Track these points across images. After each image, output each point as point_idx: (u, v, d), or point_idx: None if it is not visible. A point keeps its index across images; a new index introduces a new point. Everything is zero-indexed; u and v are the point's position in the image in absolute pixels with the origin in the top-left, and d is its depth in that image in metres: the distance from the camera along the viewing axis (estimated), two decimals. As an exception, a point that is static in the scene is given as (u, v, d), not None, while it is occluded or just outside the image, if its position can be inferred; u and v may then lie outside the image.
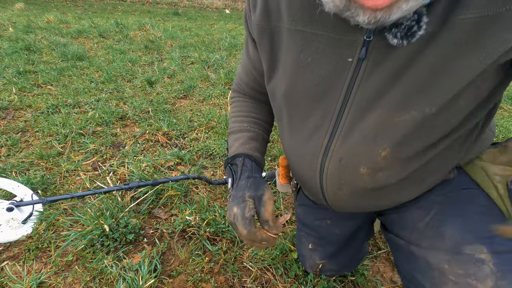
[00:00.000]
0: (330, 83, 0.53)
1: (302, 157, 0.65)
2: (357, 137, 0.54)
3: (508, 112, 3.01)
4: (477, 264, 0.53)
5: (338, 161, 0.57)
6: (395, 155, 0.53)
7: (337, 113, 0.54)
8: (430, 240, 0.62)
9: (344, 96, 0.52)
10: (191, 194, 1.49)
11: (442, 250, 0.58)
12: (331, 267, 0.98)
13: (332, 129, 0.56)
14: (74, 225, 1.26)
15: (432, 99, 0.46)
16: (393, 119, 0.50)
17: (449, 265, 0.56)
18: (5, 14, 5.13)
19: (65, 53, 3.24)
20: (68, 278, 1.06)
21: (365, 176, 0.57)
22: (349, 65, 0.50)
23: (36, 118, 2.02)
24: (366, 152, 0.54)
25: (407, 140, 0.51)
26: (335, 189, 0.62)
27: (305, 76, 0.55)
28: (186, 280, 1.08)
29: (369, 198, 0.63)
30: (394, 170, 0.55)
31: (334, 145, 0.57)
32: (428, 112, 0.47)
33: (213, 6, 10.42)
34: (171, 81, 2.89)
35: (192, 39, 4.64)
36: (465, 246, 0.56)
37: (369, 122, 0.52)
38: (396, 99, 0.48)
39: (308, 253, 0.97)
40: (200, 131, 2.07)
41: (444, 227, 0.60)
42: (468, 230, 0.57)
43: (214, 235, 1.26)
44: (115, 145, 1.84)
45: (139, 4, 9.10)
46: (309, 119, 0.59)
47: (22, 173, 1.52)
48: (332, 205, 0.70)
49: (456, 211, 0.61)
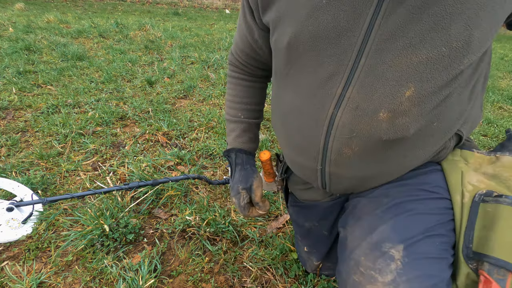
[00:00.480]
0: (348, 25, 0.50)
1: (307, 114, 0.60)
2: (379, 80, 0.51)
3: (508, 112, 3.01)
4: (387, 260, 0.56)
5: (354, 109, 0.54)
6: (419, 94, 0.51)
7: (355, 57, 0.51)
8: (362, 231, 0.64)
9: (363, 38, 0.50)
10: (191, 194, 1.49)
11: (366, 243, 0.61)
12: (329, 265, 1.00)
13: (348, 75, 0.53)
14: (74, 225, 1.26)
15: (450, 36, 0.47)
16: (418, 57, 0.48)
17: (365, 258, 0.60)
18: (5, 14, 5.13)
19: (65, 53, 3.24)
20: (68, 278, 1.06)
21: (383, 123, 0.53)
22: (368, 5, 0.48)
23: (36, 118, 2.02)
24: (388, 94, 0.51)
25: (431, 76, 0.50)
26: (343, 145, 0.58)
27: (319, 19, 0.52)
28: (186, 280, 1.08)
29: (375, 158, 0.59)
30: (413, 116, 0.53)
31: (350, 92, 0.53)
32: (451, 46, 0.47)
33: (213, 6, 10.42)
34: (171, 81, 2.89)
35: (192, 39, 4.64)
36: (386, 244, 0.58)
37: (391, 62, 0.50)
38: (420, 37, 0.47)
39: (306, 255, 0.99)
40: (200, 131, 2.07)
41: (380, 221, 0.62)
42: (399, 229, 0.59)
43: (214, 235, 1.26)
44: (115, 145, 1.84)
45: (139, 4, 9.11)
46: (320, 67, 0.55)
47: (22, 173, 1.52)
48: (328, 174, 0.65)
49: (401, 208, 0.62)
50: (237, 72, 0.83)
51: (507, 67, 4.90)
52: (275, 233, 1.29)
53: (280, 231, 1.31)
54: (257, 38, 0.70)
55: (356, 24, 0.49)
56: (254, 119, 0.85)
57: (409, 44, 0.48)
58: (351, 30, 0.50)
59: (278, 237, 1.26)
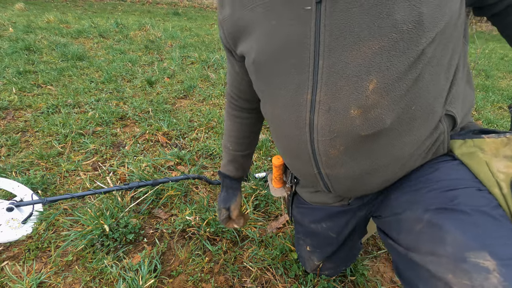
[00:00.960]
0: (298, 36, 0.54)
1: (289, 123, 0.63)
2: (341, 79, 0.53)
3: (508, 112, 3.00)
4: (483, 274, 0.50)
5: (327, 111, 0.56)
6: (383, 84, 0.52)
7: (313, 62, 0.54)
8: (429, 244, 0.58)
9: (314, 43, 0.53)
10: (191, 194, 1.49)
11: (444, 258, 0.54)
12: (329, 265, 1.00)
13: (313, 80, 0.56)
14: (74, 225, 1.26)
15: (397, 20, 0.47)
16: (371, 48, 0.50)
17: (453, 275, 0.52)
18: (5, 14, 5.13)
19: (65, 53, 3.24)
20: (68, 278, 1.06)
21: (356, 120, 0.55)
22: (309, 13, 0.51)
23: (36, 118, 2.02)
24: (353, 90, 0.53)
25: (390, 64, 0.51)
26: (328, 147, 0.60)
27: (274, 38, 0.57)
28: (186, 280, 1.08)
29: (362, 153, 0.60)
30: (384, 106, 0.54)
31: (319, 95, 0.56)
32: (402, 30, 0.48)
33: (213, 6, 10.42)
34: (171, 81, 2.89)
35: (192, 39, 4.64)
36: (469, 253, 0.52)
37: (348, 59, 0.52)
38: (367, 29, 0.49)
39: (307, 254, 0.99)
40: (200, 131, 2.07)
41: (443, 230, 0.57)
42: (469, 234, 0.54)
43: (214, 235, 1.26)
44: (115, 145, 1.84)
45: (139, 4, 9.11)
46: (287, 79, 0.59)
47: (22, 173, 1.52)
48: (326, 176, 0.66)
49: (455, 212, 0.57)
50: (230, 107, 0.90)
51: (507, 67, 4.90)
52: (275, 233, 1.29)
53: (280, 231, 1.31)
54: (238, 71, 0.77)
55: (305, 31, 0.53)
56: (240, 151, 0.94)
57: (358, 38, 0.50)
58: (302, 38, 0.53)
59: (278, 237, 1.26)
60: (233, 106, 0.89)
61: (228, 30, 0.66)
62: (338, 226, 0.86)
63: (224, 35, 0.69)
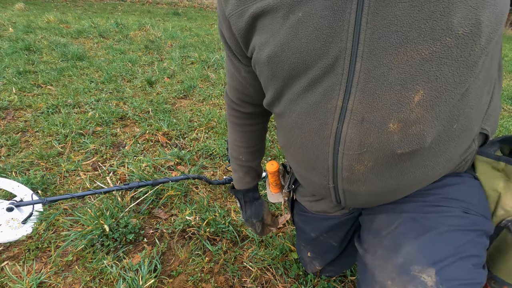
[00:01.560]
0: (332, 30, 0.45)
1: (309, 131, 0.56)
2: (381, 86, 0.45)
3: (508, 112, 3.01)
4: (418, 287, 0.51)
5: (359, 123, 0.48)
6: (430, 97, 0.45)
7: (348, 63, 0.46)
8: (385, 250, 0.58)
9: (351, 41, 0.44)
10: (191, 194, 1.49)
11: (391, 265, 0.55)
12: (331, 269, 0.99)
13: (345, 85, 0.47)
14: (74, 225, 1.26)
15: (453, 23, 0.40)
16: (420, 53, 0.42)
17: (392, 282, 0.54)
18: (5, 14, 5.13)
19: (65, 53, 3.24)
20: (68, 278, 1.06)
21: (395, 135, 0.48)
22: (349, 4, 0.43)
23: (36, 118, 2.02)
24: (395, 101, 0.45)
25: (440, 74, 0.44)
26: (354, 162, 0.52)
27: (299, 33, 0.48)
28: (186, 280, 1.08)
29: (391, 172, 0.54)
30: (428, 122, 0.47)
31: (352, 103, 0.48)
32: (458, 34, 0.41)
33: (213, 6, 10.42)
34: (171, 81, 2.89)
35: (192, 39, 4.64)
36: (415, 267, 0.52)
37: (391, 64, 0.44)
38: (417, 29, 0.41)
39: (308, 259, 0.98)
40: (200, 131, 2.07)
41: (404, 240, 0.56)
42: (426, 249, 0.54)
43: (214, 235, 1.26)
44: (115, 145, 1.84)
45: (139, 4, 9.11)
46: (312, 81, 0.51)
47: (22, 173, 1.52)
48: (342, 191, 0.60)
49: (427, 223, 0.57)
50: (234, 115, 0.82)
51: (507, 67, 4.90)
52: (275, 233, 1.29)
53: (280, 231, 1.31)
54: (245, 75, 0.68)
55: (341, 27, 0.44)
56: (255, 160, 0.88)
57: (405, 40, 0.42)
58: (337, 35, 0.45)
59: (278, 237, 1.26)
60: (235, 113, 0.81)
61: (239, 25, 0.55)
62: (339, 235, 0.85)
63: (230, 32, 0.59)
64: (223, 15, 0.58)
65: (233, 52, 0.64)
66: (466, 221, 0.57)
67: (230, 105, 0.81)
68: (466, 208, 0.58)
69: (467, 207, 0.58)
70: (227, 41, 0.62)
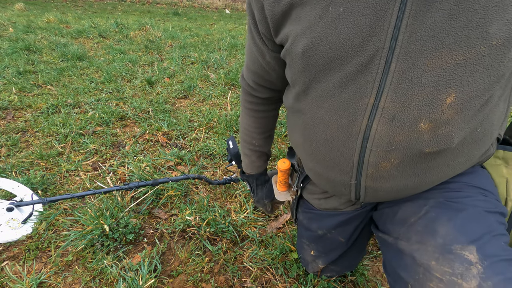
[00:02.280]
0: (371, 29, 0.47)
1: (337, 127, 0.56)
2: (414, 87, 0.47)
3: (508, 112, 3.00)
4: (465, 265, 0.52)
5: (390, 121, 0.50)
6: (461, 100, 0.47)
7: (384, 63, 0.48)
8: (420, 235, 0.60)
9: (389, 42, 0.46)
10: (191, 194, 1.49)
11: (432, 247, 0.57)
12: (333, 268, 0.99)
13: (379, 84, 0.49)
14: (74, 225, 1.26)
15: (489, 33, 0.42)
16: (454, 59, 0.44)
17: (436, 262, 0.55)
18: (5, 14, 5.13)
19: (65, 53, 3.24)
20: (68, 278, 1.06)
21: (425, 134, 0.50)
22: (392, 5, 0.44)
23: (36, 118, 2.02)
24: (427, 101, 0.47)
25: (472, 79, 0.46)
26: (381, 159, 0.54)
27: (338, 28, 0.49)
28: (186, 280, 1.08)
29: (416, 170, 0.56)
30: (457, 124, 0.50)
31: (384, 101, 0.49)
32: (491, 44, 0.43)
33: (213, 6, 10.42)
34: (171, 81, 2.89)
35: (192, 39, 4.64)
36: (455, 245, 0.54)
37: (425, 67, 0.46)
38: (453, 36, 0.43)
39: (311, 258, 0.97)
40: (200, 131, 2.07)
41: (437, 223, 0.58)
42: (461, 229, 0.56)
43: (214, 235, 1.26)
44: (115, 145, 1.84)
45: (139, 4, 9.11)
46: (346, 78, 0.52)
47: (22, 173, 1.52)
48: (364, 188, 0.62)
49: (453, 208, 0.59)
50: (249, 101, 0.83)
51: (507, 67, 4.90)
52: (275, 233, 1.29)
53: (280, 231, 1.31)
54: (269, 60, 0.68)
55: (381, 27, 0.46)
56: (267, 145, 0.92)
57: (441, 45, 0.44)
58: (375, 34, 0.47)
59: (278, 237, 1.26)
60: (251, 99, 0.82)
61: (274, 10, 0.55)
62: (348, 230, 0.84)
63: (262, 14, 0.58)
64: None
65: (260, 35, 0.63)
66: (488, 204, 0.59)
67: (246, 89, 0.81)
68: (484, 193, 0.61)
69: (484, 193, 0.61)
70: (257, 23, 0.61)
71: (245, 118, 0.88)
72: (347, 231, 0.84)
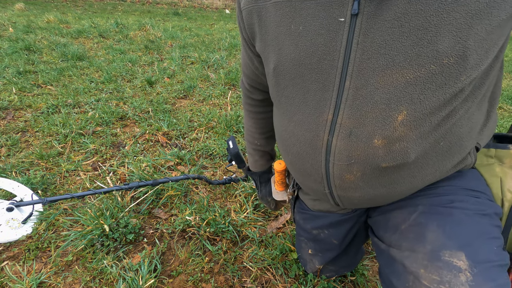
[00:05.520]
0: (326, 48, 0.48)
1: (304, 141, 0.59)
2: (367, 104, 0.48)
3: (508, 112, 3.01)
4: (453, 272, 0.52)
5: (347, 136, 0.52)
6: (413, 117, 0.48)
7: (339, 81, 0.49)
8: (410, 242, 0.59)
9: (343, 59, 0.48)
10: (191, 194, 1.49)
11: (421, 254, 0.56)
12: (331, 268, 1.00)
13: (336, 100, 0.51)
14: (74, 225, 1.26)
15: (439, 52, 0.42)
16: (405, 77, 0.45)
17: (425, 270, 0.54)
18: (5, 14, 5.13)
19: (65, 53, 3.24)
20: (68, 278, 1.06)
21: (379, 150, 0.51)
22: (342, 25, 0.46)
23: (36, 118, 2.02)
24: (380, 119, 0.48)
25: (424, 97, 0.46)
26: (344, 172, 0.56)
27: (298, 46, 0.51)
28: (186, 280, 1.08)
29: (381, 182, 0.57)
30: (411, 140, 0.50)
31: (341, 118, 0.51)
32: (442, 63, 0.43)
33: (213, 6, 10.42)
34: (171, 81, 2.89)
35: (192, 39, 4.64)
36: (444, 252, 0.54)
37: (377, 84, 0.47)
38: (403, 54, 0.44)
39: (308, 257, 0.98)
40: (200, 131, 2.07)
41: (427, 229, 0.58)
42: (451, 234, 0.55)
43: (214, 235, 1.26)
44: (115, 145, 1.84)
45: (139, 4, 9.10)
46: (307, 94, 0.54)
47: (22, 173, 1.52)
48: (338, 197, 0.64)
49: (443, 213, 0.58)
50: (248, 103, 0.87)
51: (507, 67, 4.89)
52: (275, 233, 1.29)
53: (280, 231, 1.31)
54: (257, 65, 0.71)
55: (334, 46, 0.48)
56: (269, 145, 0.94)
57: (392, 63, 0.45)
58: (330, 53, 0.48)
59: (278, 237, 1.26)
60: (250, 101, 0.85)
61: (247, 21, 0.59)
62: (341, 233, 0.85)
63: (243, 24, 0.62)
64: (239, 6, 0.61)
65: (246, 42, 0.67)
66: (480, 206, 0.59)
67: (245, 92, 0.85)
68: (475, 194, 0.60)
69: (475, 194, 0.60)
70: (242, 31, 0.65)
71: (247, 119, 0.92)
72: (340, 233, 0.85)
